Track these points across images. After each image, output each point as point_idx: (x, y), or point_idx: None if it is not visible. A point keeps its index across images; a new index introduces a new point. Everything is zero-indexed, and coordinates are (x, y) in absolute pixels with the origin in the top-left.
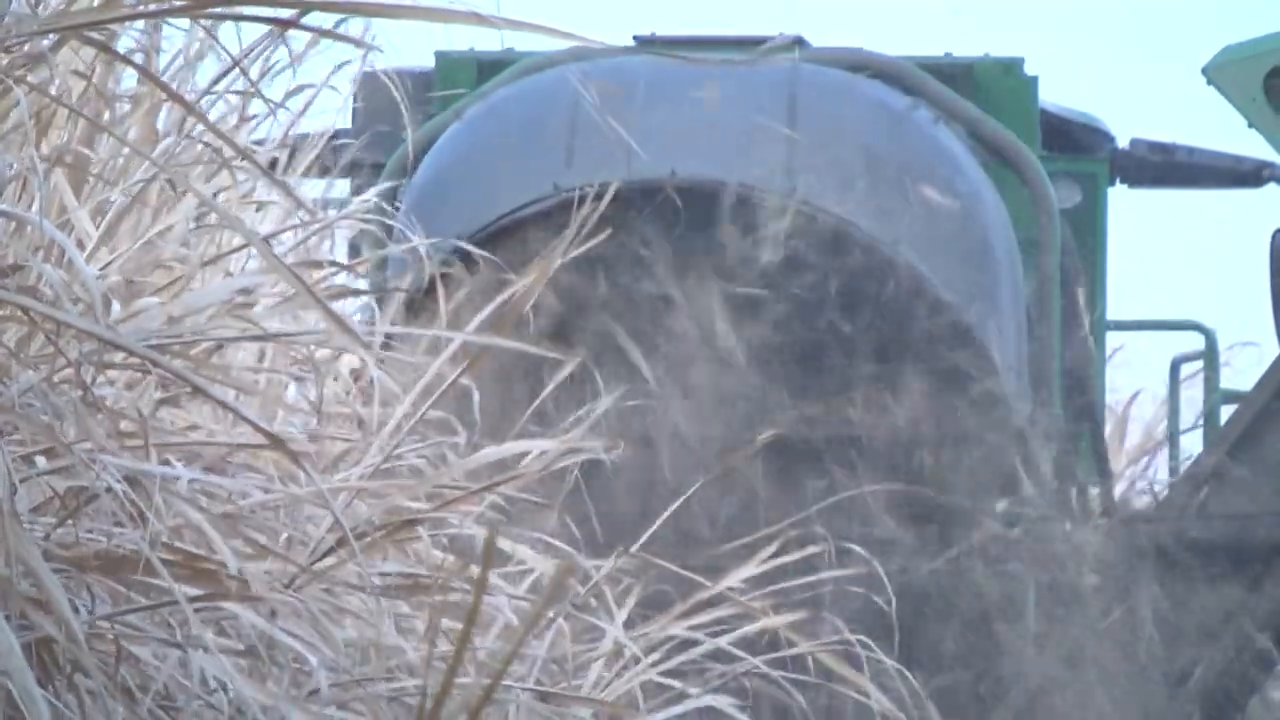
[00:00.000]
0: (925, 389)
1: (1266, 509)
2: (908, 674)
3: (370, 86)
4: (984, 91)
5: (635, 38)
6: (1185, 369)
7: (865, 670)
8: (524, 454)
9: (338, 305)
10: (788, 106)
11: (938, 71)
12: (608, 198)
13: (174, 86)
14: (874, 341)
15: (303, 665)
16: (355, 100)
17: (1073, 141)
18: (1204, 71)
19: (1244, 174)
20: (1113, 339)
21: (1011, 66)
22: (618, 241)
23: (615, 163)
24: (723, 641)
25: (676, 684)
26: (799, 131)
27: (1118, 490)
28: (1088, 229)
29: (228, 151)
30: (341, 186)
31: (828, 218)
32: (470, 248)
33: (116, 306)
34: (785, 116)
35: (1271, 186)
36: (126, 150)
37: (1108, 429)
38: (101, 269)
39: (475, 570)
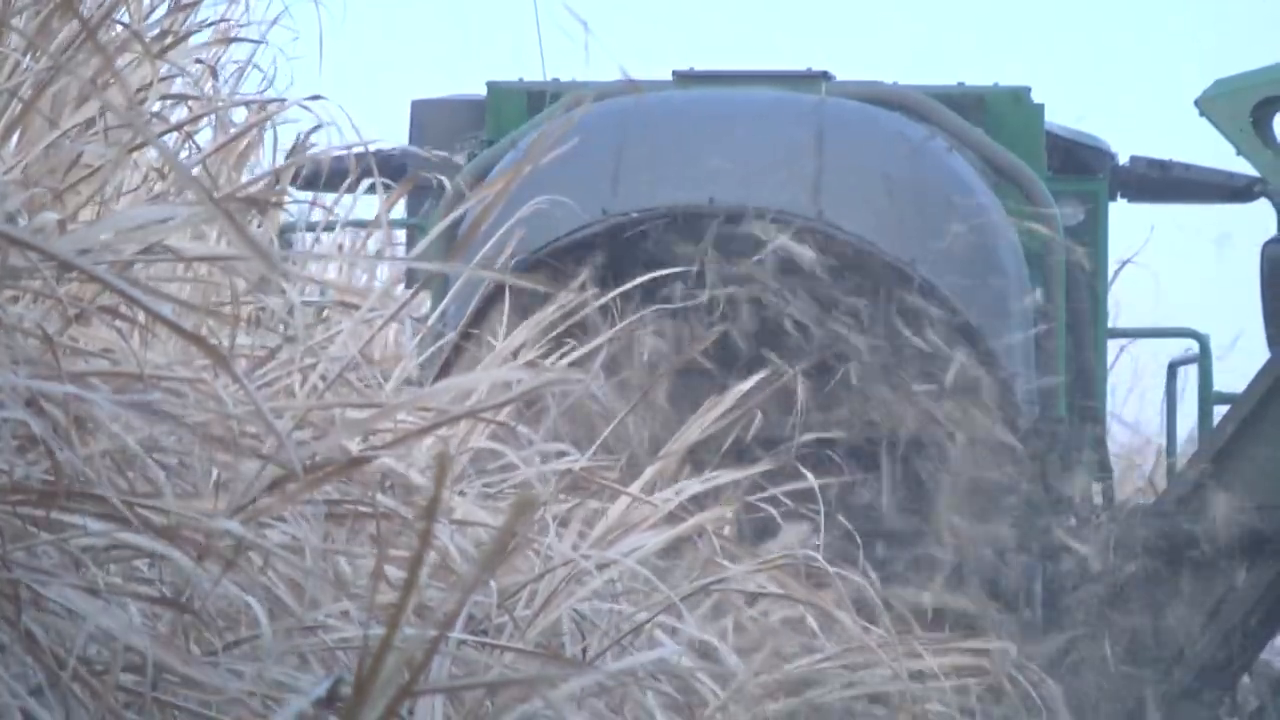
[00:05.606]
0: (939, 393)
1: (1255, 504)
2: (870, 582)
3: (425, 111)
4: (994, 118)
5: (674, 72)
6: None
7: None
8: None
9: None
10: (815, 137)
11: (951, 100)
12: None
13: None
14: (893, 349)
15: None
16: (411, 124)
17: (1078, 161)
18: (1196, 103)
19: (1236, 189)
20: (1113, 345)
21: (1019, 94)
22: (659, 260)
23: (657, 190)
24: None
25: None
26: (825, 160)
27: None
28: (1090, 244)
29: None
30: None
31: (850, 238)
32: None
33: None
34: (813, 146)
35: (1262, 201)
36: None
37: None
38: (5, 172)
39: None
